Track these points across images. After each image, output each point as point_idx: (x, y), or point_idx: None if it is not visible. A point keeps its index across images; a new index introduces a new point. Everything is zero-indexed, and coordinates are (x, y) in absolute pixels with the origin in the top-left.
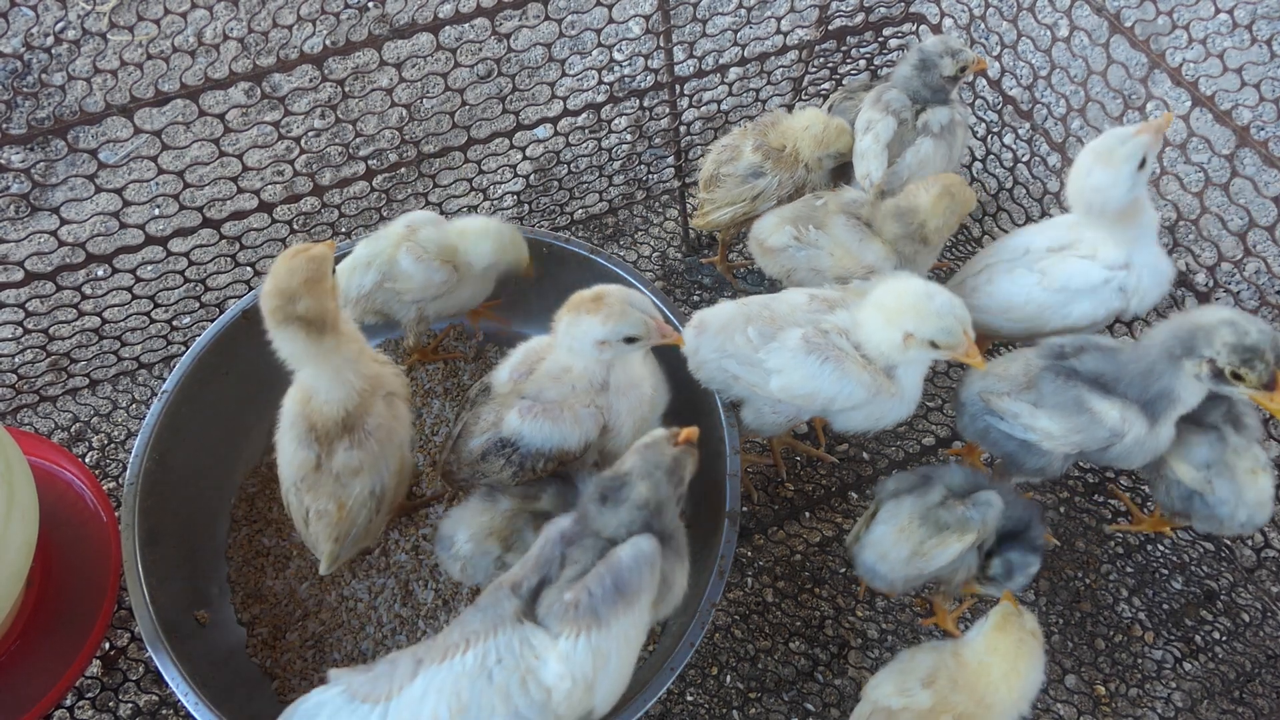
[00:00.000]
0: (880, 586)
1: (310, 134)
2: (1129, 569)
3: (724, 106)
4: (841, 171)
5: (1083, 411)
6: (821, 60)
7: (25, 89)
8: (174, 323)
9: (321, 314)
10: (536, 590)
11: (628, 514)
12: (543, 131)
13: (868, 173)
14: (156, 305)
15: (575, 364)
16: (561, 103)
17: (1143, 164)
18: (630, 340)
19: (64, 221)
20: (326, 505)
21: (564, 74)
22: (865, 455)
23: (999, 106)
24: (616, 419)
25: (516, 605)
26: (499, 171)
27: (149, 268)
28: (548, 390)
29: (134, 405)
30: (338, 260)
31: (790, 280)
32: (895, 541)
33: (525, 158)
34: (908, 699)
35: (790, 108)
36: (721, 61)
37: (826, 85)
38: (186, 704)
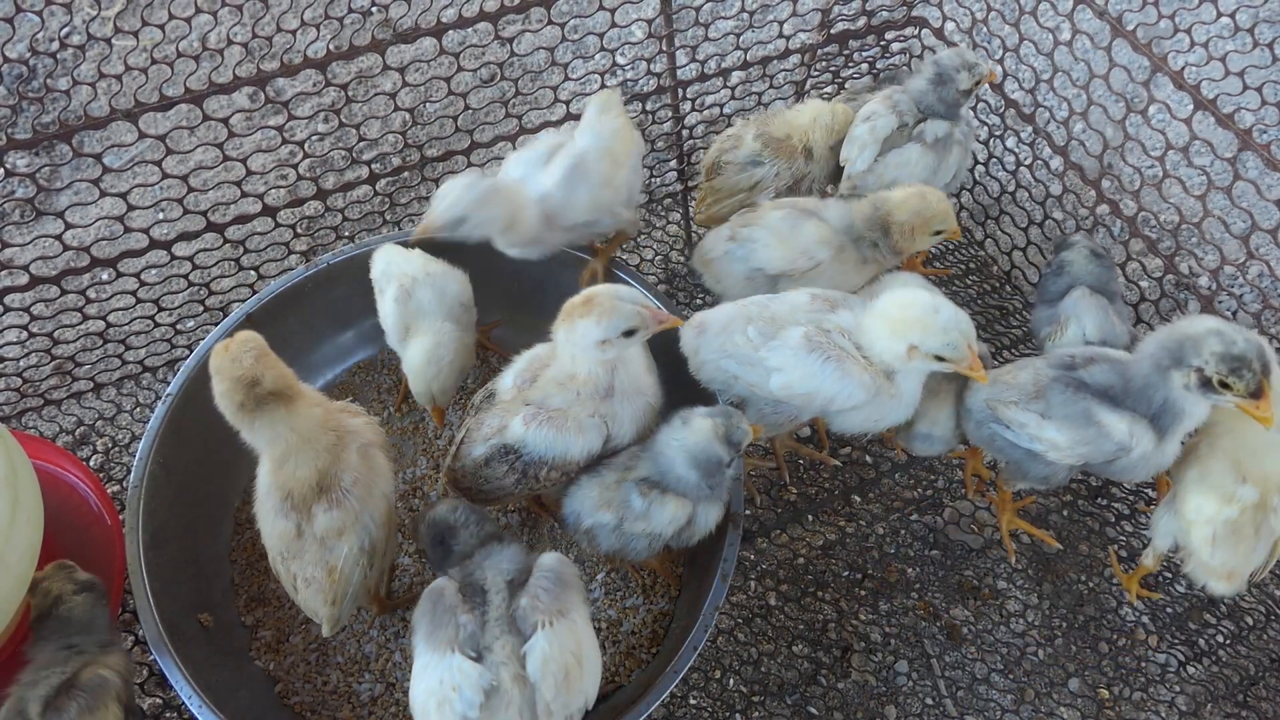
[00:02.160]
0: (935, 450)
1: (314, 138)
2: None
3: (726, 110)
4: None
5: (1091, 424)
6: (824, 64)
7: (30, 94)
8: (178, 326)
9: (286, 381)
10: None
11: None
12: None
13: (851, 159)
14: (160, 309)
15: (579, 370)
16: (564, 107)
17: None
18: (629, 333)
19: (69, 226)
20: (314, 572)
21: (566, 78)
22: (868, 458)
23: (1001, 110)
24: (620, 427)
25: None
26: None
27: (153, 271)
28: (553, 397)
29: (138, 409)
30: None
31: (724, 294)
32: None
33: None
34: (1238, 503)
35: None
36: (724, 65)
37: (829, 89)
38: (190, 707)
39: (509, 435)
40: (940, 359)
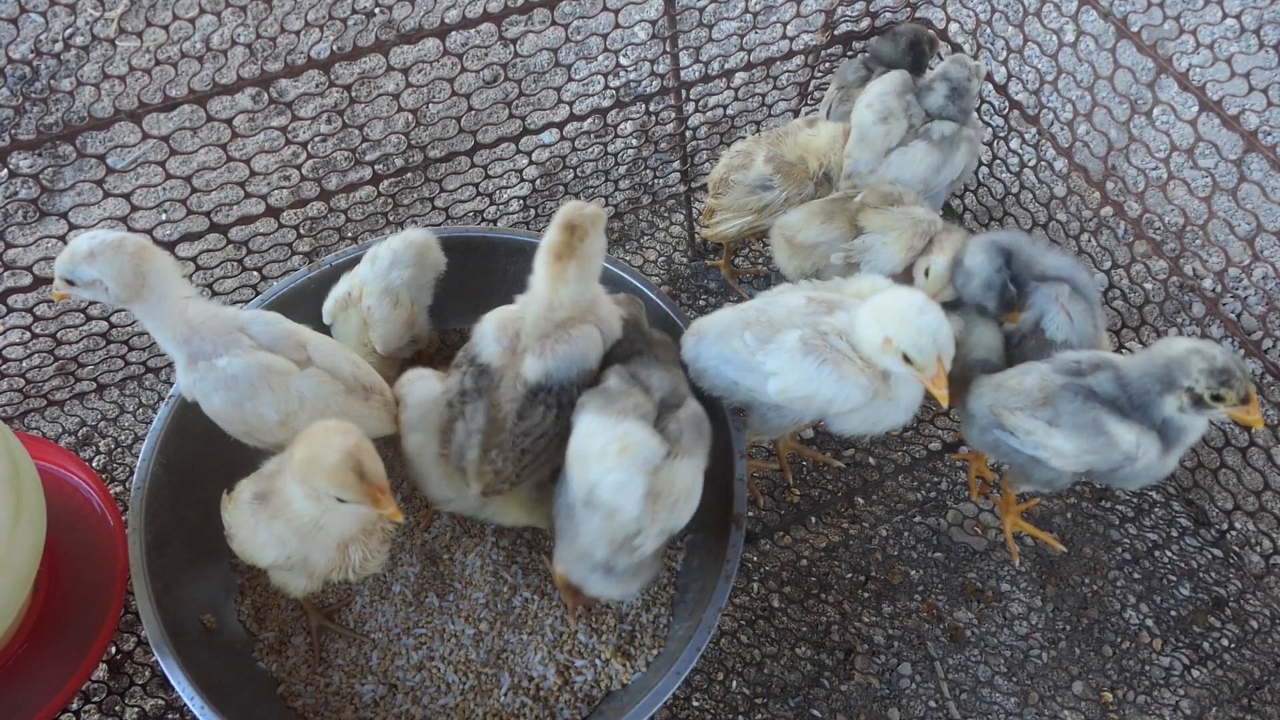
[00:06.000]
0: None
1: (317, 139)
2: (1136, 575)
3: (730, 112)
4: None
5: (1100, 434)
6: (827, 65)
7: (34, 95)
8: None
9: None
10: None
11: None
12: (549, 136)
13: (856, 159)
14: None
15: (567, 299)
16: (567, 108)
17: None
18: None
19: (72, 226)
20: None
21: (570, 79)
22: (871, 460)
23: (1005, 112)
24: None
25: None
26: (505, 176)
27: None
28: (551, 332)
29: (141, 410)
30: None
31: (820, 279)
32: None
33: (531, 163)
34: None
35: (796, 112)
36: (727, 67)
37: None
38: (192, 708)
39: (531, 376)
40: (908, 360)
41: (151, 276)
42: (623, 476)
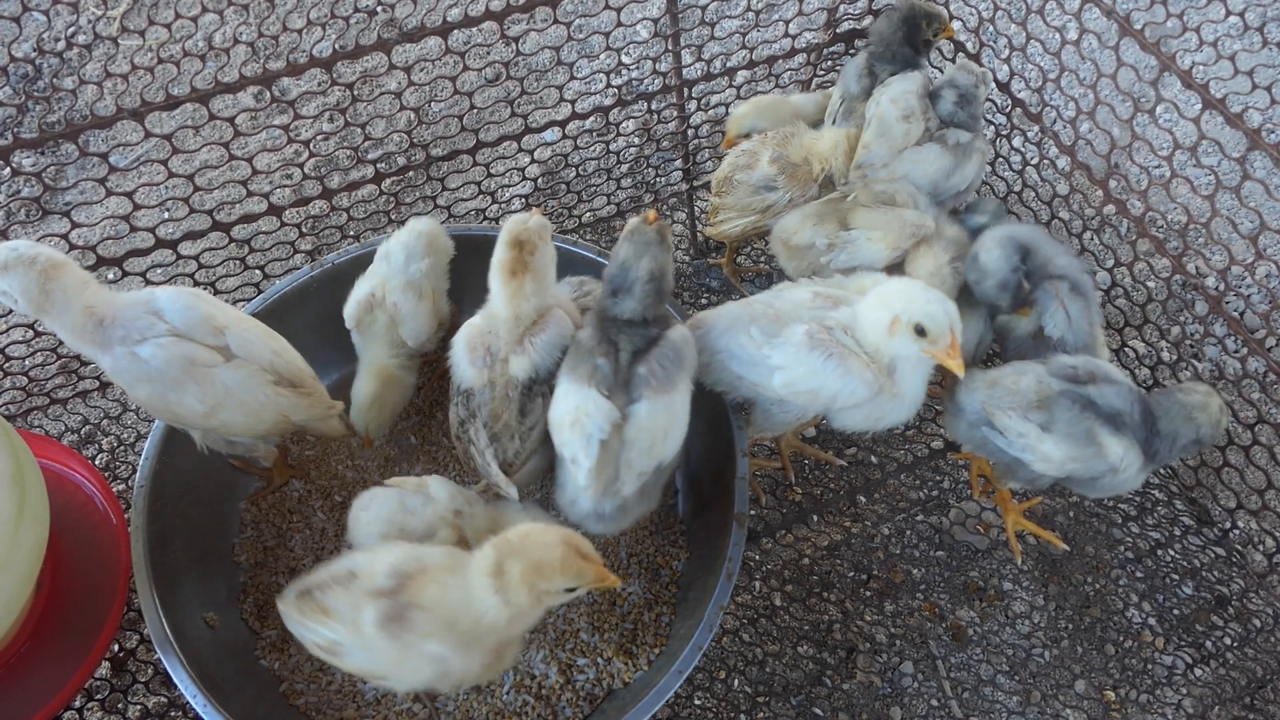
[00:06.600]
0: None
1: (319, 137)
2: (1139, 574)
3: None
4: None
5: (1092, 444)
6: (830, 63)
7: (37, 93)
8: None
9: None
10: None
11: (640, 289)
12: (551, 135)
13: (874, 151)
14: None
15: (529, 309)
16: (569, 106)
17: None
18: None
19: (75, 225)
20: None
21: (572, 77)
22: (874, 459)
23: (1008, 109)
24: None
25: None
26: (507, 175)
27: (159, 271)
28: (523, 334)
29: (143, 408)
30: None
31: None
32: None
33: (533, 161)
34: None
35: None
36: (729, 65)
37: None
38: (195, 706)
39: (522, 374)
40: (921, 333)
41: (55, 294)
42: (574, 450)
